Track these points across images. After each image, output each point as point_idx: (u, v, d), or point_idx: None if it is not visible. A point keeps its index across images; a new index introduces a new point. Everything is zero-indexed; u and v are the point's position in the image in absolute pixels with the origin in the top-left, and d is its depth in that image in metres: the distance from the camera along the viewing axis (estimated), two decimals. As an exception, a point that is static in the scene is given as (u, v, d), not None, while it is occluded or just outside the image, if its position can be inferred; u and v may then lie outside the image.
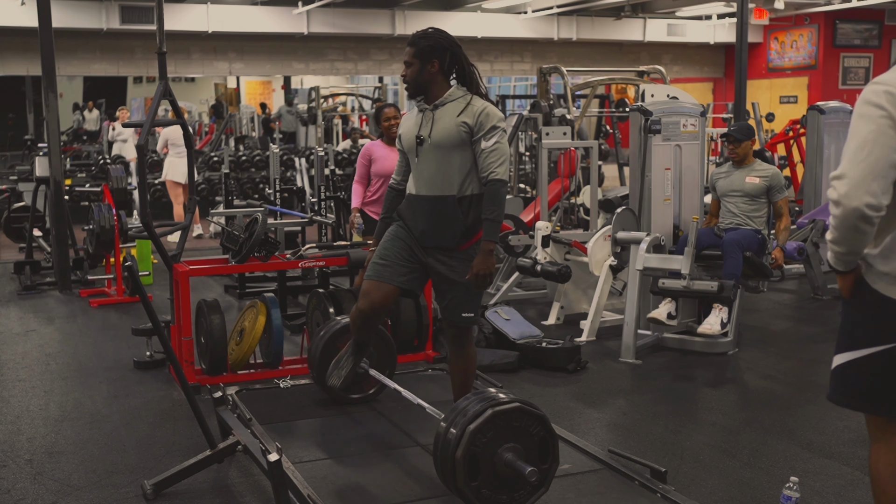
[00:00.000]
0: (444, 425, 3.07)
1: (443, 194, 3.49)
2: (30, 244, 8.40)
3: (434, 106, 3.53)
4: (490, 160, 3.43)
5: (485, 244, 3.43)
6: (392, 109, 5.81)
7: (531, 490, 3.06)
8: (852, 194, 2.17)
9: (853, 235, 2.23)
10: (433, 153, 3.49)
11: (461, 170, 3.47)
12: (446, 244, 3.50)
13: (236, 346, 5.08)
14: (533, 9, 14.52)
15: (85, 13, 12.60)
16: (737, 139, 5.84)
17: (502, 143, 3.45)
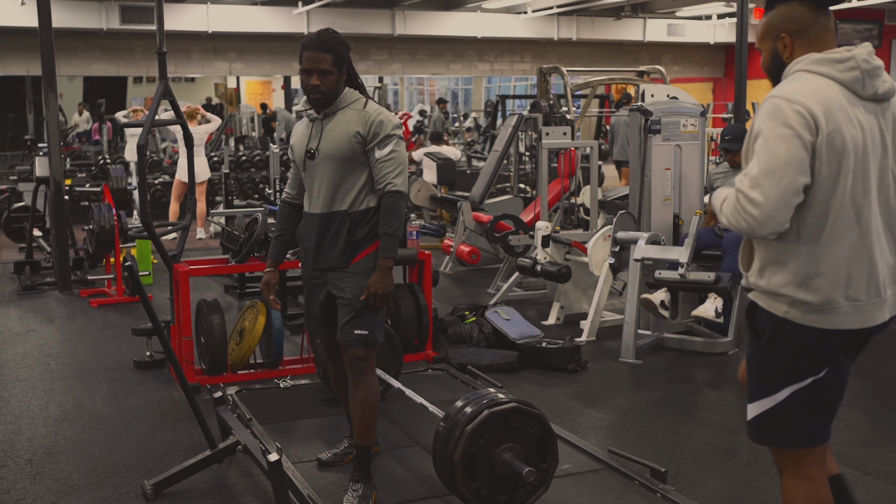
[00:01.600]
0: (443, 426, 3.08)
1: (332, 210, 3.23)
2: (30, 244, 8.40)
3: (324, 115, 3.24)
4: (386, 170, 3.17)
5: (382, 261, 3.16)
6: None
7: (531, 490, 3.06)
8: (765, 221, 2.11)
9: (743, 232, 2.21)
10: (324, 166, 3.21)
11: (354, 183, 3.21)
12: (335, 264, 3.23)
13: (236, 346, 5.08)
14: (533, 9, 14.52)
15: (85, 13, 12.61)
16: (735, 151, 5.95)
17: (399, 151, 3.19)
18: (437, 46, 15.75)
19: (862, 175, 2.14)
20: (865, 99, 2.16)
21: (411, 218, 9.29)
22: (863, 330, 2.23)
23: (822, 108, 2.09)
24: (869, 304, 2.20)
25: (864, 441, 4.11)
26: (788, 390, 2.23)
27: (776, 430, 2.29)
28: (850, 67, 2.13)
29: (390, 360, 4.43)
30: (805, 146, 2.08)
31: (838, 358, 2.22)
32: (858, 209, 2.15)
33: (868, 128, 2.15)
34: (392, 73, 16.55)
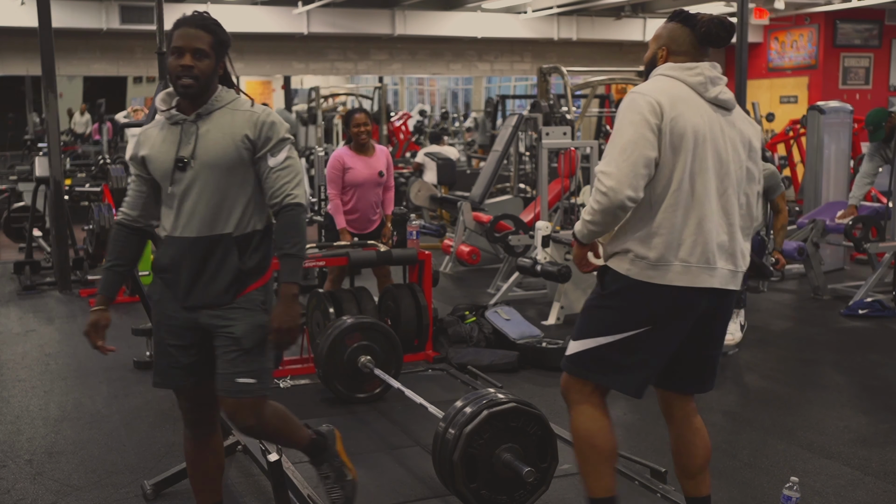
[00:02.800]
0: (442, 427, 3.08)
1: (214, 234, 2.64)
2: (30, 244, 8.40)
3: (197, 115, 2.66)
4: (283, 181, 2.64)
5: (286, 288, 2.61)
6: (363, 116, 5.65)
7: (531, 489, 3.06)
8: (618, 188, 2.46)
9: (611, 219, 2.54)
10: (202, 179, 2.63)
11: (240, 199, 2.66)
12: (218, 300, 2.65)
13: (236, 346, 5.08)
14: (533, 9, 14.52)
15: (85, 13, 12.61)
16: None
17: (294, 158, 2.69)
18: (437, 46, 15.75)
19: (700, 156, 2.54)
20: (708, 101, 2.59)
21: (411, 218, 9.29)
22: (691, 293, 2.54)
23: (668, 99, 2.52)
24: (696, 268, 2.54)
25: (864, 441, 4.11)
26: (612, 337, 2.57)
27: (590, 366, 2.63)
28: (697, 73, 2.58)
29: (390, 360, 4.44)
30: (651, 128, 2.48)
31: (665, 319, 2.56)
32: (694, 183, 2.53)
33: (709, 121, 2.56)
34: (392, 73, 16.55)
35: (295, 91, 22.09)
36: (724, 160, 2.58)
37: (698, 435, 2.80)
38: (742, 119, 2.69)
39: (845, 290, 7.08)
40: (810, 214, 7.60)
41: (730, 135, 2.61)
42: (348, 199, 5.68)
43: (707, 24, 2.61)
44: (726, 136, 2.60)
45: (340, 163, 5.63)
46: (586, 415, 2.67)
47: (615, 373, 2.63)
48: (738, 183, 2.63)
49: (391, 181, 5.82)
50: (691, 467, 2.81)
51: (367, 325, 4.44)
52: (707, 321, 2.66)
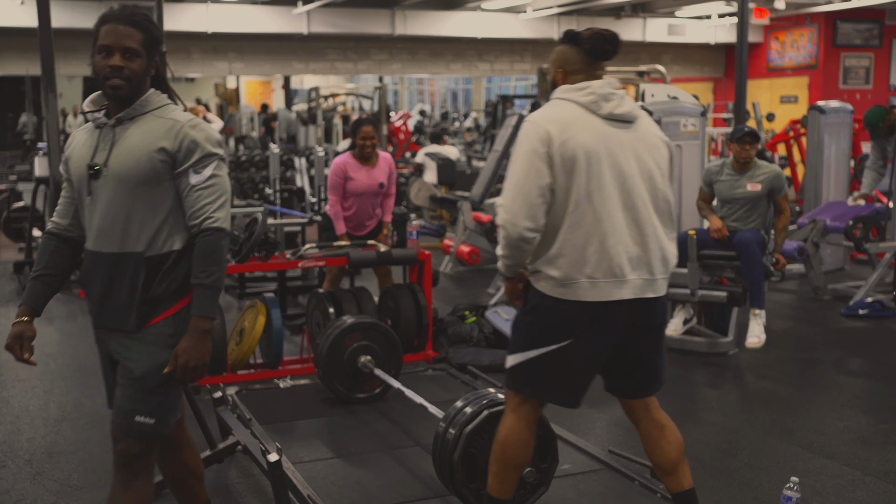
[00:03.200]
0: (443, 427, 3.09)
1: (123, 251, 2.41)
2: (29, 244, 8.40)
3: (117, 120, 2.43)
4: (204, 201, 2.39)
5: (196, 322, 2.38)
6: (371, 129, 5.54)
7: (531, 490, 3.07)
8: (515, 221, 2.56)
9: (518, 252, 2.62)
10: (112, 190, 2.40)
11: (153, 216, 2.42)
12: (122, 325, 2.45)
13: (236, 346, 5.08)
14: (533, 9, 14.52)
15: (85, 13, 12.61)
16: (756, 139, 5.65)
17: (221, 176, 2.44)
18: (437, 46, 15.75)
19: (596, 174, 2.58)
20: (603, 118, 2.63)
21: (411, 218, 9.29)
22: (604, 307, 2.59)
23: (557, 124, 2.58)
24: (604, 283, 2.59)
25: (864, 441, 4.11)
26: (537, 352, 2.63)
27: (524, 379, 2.69)
28: (588, 93, 2.64)
29: (390, 360, 4.44)
30: (541, 157, 2.56)
31: (584, 333, 2.62)
32: (592, 202, 2.58)
33: (604, 137, 2.61)
34: (392, 73, 16.55)
35: (295, 91, 22.10)
36: (626, 174, 2.62)
37: (665, 431, 2.86)
38: (648, 129, 2.72)
39: (845, 290, 7.08)
40: (810, 214, 7.60)
41: (633, 147, 2.64)
42: (347, 206, 5.68)
43: (590, 41, 2.69)
44: (627, 149, 2.63)
45: (343, 171, 5.61)
46: (509, 425, 2.74)
47: (545, 385, 2.69)
48: (652, 191, 2.66)
49: (392, 189, 5.81)
50: (666, 464, 2.84)
51: (367, 325, 4.44)
52: (637, 330, 2.69)
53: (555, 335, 2.62)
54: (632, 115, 2.67)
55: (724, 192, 5.77)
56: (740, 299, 5.37)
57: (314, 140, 14.86)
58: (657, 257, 2.67)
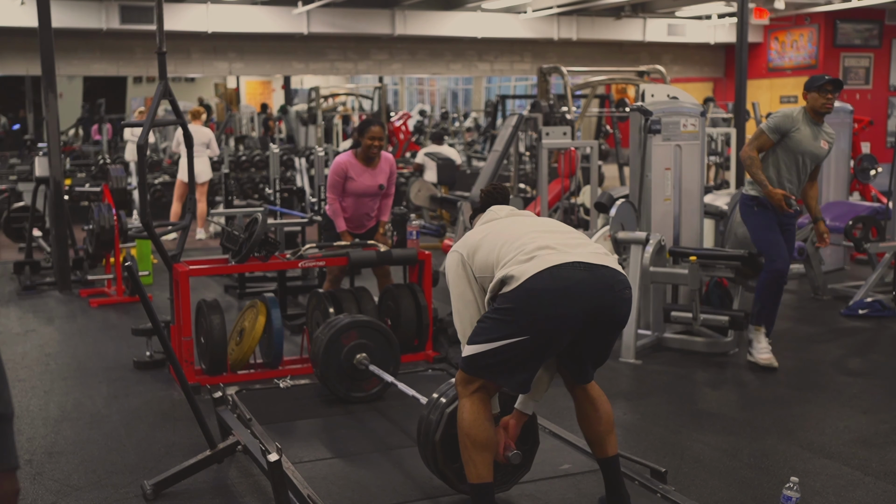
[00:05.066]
0: (426, 411, 3.13)
1: None
2: (29, 244, 8.40)
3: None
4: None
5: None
6: (379, 129, 5.52)
7: (513, 471, 3.12)
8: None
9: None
10: None
11: None
12: None
13: (236, 346, 5.08)
14: (533, 9, 14.51)
15: (85, 13, 12.60)
16: (838, 88, 5.09)
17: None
18: (437, 46, 15.74)
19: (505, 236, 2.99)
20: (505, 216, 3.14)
21: (411, 218, 9.29)
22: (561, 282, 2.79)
23: (472, 240, 3.05)
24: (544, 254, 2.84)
25: (864, 441, 4.11)
26: (494, 345, 2.84)
27: (480, 366, 2.89)
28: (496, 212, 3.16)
29: (388, 358, 4.44)
30: (464, 270, 3.03)
31: (538, 327, 2.80)
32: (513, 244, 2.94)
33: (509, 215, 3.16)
34: (392, 73, 16.53)
35: (295, 91, 22.09)
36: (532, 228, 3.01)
37: (596, 404, 3.09)
38: None
39: (845, 290, 7.08)
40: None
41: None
42: (346, 206, 5.67)
43: (485, 195, 3.24)
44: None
45: (343, 170, 5.59)
46: (467, 409, 2.91)
47: (502, 373, 2.89)
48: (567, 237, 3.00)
49: (392, 189, 5.79)
50: (594, 434, 3.10)
51: (363, 323, 4.44)
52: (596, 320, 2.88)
53: (515, 330, 2.81)
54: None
55: (806, 144, 5.11)
56: (743, 322, 5.39)
57: (314, 140, 14.85)
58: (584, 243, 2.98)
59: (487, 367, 2.88)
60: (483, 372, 2.90)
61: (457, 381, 3.01)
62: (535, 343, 2.82)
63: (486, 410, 2.92)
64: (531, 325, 2.80)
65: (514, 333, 2.81)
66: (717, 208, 6.94)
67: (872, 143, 10.10)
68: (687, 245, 6.00)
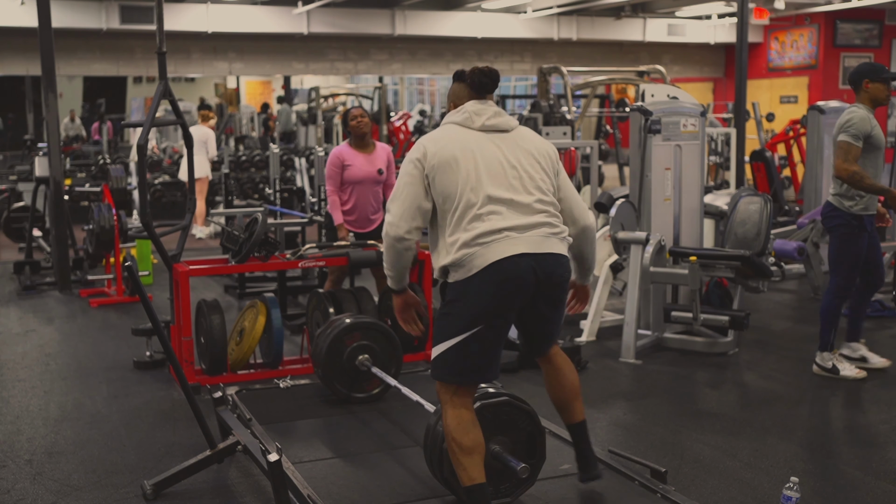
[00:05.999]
0: (434, 418, 3.12)
1: None
2: (29, 244, 8.40)
3: None
4: None
5: None
6: (359, 109, 5.68)
7: (517, 483, 3.12)
8: (399, 228, 2.98)
9: (396, 257, 3.02)
10: None
11: None
12: None
13: (236, 346, 5.08)
14: (533, 9, 14.52)
15: (85, 13, 12.61)
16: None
17: None
18: (437, 46, 15.74)
19: (471, 168, 2.96)
20: (478, 129, 3.04)
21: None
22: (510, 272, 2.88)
23: (433, 140, 3.04)
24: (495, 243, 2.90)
25: (864, 441, 4.11)
26: (454, 341, 2.93)
27: (444, 367, 2.98)
28: (462, 113, 3.07)
29: (390, 359, 4.44)
30: (416, 166, 3.00)
31: (490, 314, 2.91)
32: (474, 191, 2.94)
33: (477, 142, 3.02)
34: (392, 73, 16.54)
35: (295, 91, 22.08)
36: (503, 165, 3.01)
37: (561, 373, 3.25)
38: (526, 134, 3.14)
39: (845, 290, 7.07)
40: (810, 214, 7.59)
41: (508, 147, 3.04)
42: (347, 198, 5.66)
43: (471, 76, 3.12)
44: (503, 149, 3.03)
45: (339, 159, 5.61)
46: (451, 415, 2.97)
47: (468, 370, 2.97)
48: (526, 179, 3.02)
49: (392, 178, 5.78)
50: (560, 400, 3.25)
51: (367, 324, 4.44)
52: (538, 292, 2.98)
53: (468, 323, 2.91)
54: (506, 125, 3.09)
55: (881, 138, 4.93)
56: (742, 322, 5.39)
57: (314, 140, 14.85)
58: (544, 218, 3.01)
59: (459, 369, 2.96)
60: (457, 376, 2.97)
61: (437, 391, 3.04)
62: (490, 331, 2.93)
63: (469, 414, 2.97)
64: (483, 315, 2.91)
65: (469, 325, 2.91)
66: (717, 208, 6.94)
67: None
68: (687, 245, 6.00)
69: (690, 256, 5.43)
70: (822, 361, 5.03)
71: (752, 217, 6.00)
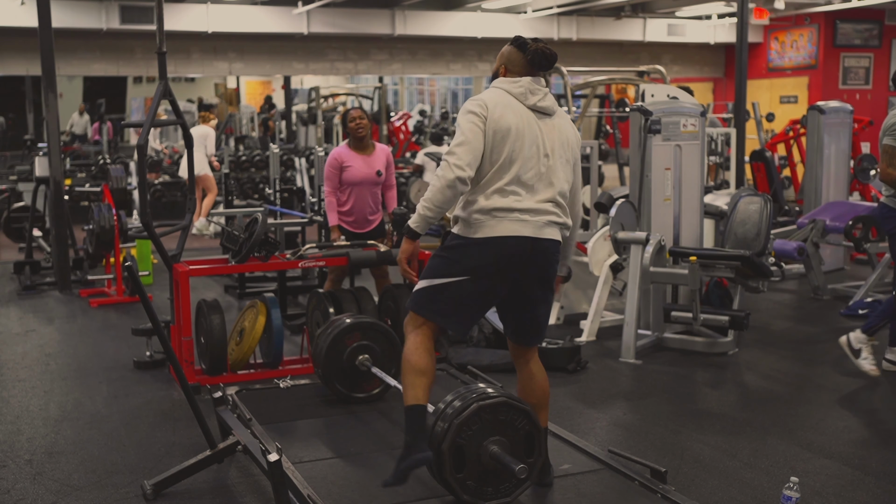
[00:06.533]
0: (434, 418, 3.13)
1: None
2: (30, 244, 8.40)
3: None
4: None
5: None
6: (358, 110, 5.68)
7: (516, 483, 3.12)
8: (464, 172, 3.09)
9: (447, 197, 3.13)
10: None
11: None
12: None
13: (236, 346, 5.08)
14: (533, 9, 14.51)
15: (85, 13, 12.60)
16: None
17: None
18: (437, 46, 15.74)
19: (518, 145, 3.15)
20: (528, 107, 3.20)
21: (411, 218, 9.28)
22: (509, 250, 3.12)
23: (493, 102, 3.16)
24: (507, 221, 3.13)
25: (864, 441, 4.11)
26: (440, 281, 3.18)
27: (422, 302, 3.24)
28: (519, 86, 3.20)
29: (390, 359, 4.43)
30: (482, 121, 3.13)
31: (480, 272, 3.14)
32: (511, 166, 3.15)
33: (527, 120, 3.17)
34: (392, 73, 16.53)
35: (295, 91, 22.07)
36: (533, 149, 3.17)
37: (533, 380, 3.38)
38: (563, 122, 3.29)
39: (845, 290, 7.08)
40: (810, 214, 7.59)
41: (547, 132, 3.21)
42: (345, 199, 5.65)
43: (534, 53, 3.21)
44: (544, 133, 3.20)
45: (338, 160, 5.60)
46: (411, 341, 3.24)
47: (442, 312, 3.22)
48: (553, 168, 3.22)
49: (392, 179, 5.78)
50: (530, 405, 3.33)
51: (367, 324, 4.44)
52: (531, 274, 3.20)
53: (457, 270, 3.16)
54: (551, 109, 3.24)
55: None
56: (742, 322, 5.39)
57: (314, 140, 14.84)
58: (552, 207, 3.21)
59: (433, 307, 3.21)
60: (429, 312, 3.22)
61: (405, 322, 3.30)
62: (473, 285, 3.15)
63: (427, 343, 3.23)
64: (473, 269, 3.14)
65: (458, 273, 3.15)
66: (717, 208, 6.94)
67: (872, 143, 10.09)
68: (687, 245, 6.00)
69: (690, 256, 5.43)
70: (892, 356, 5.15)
71: (752, 217, 6.00)
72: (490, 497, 3.13)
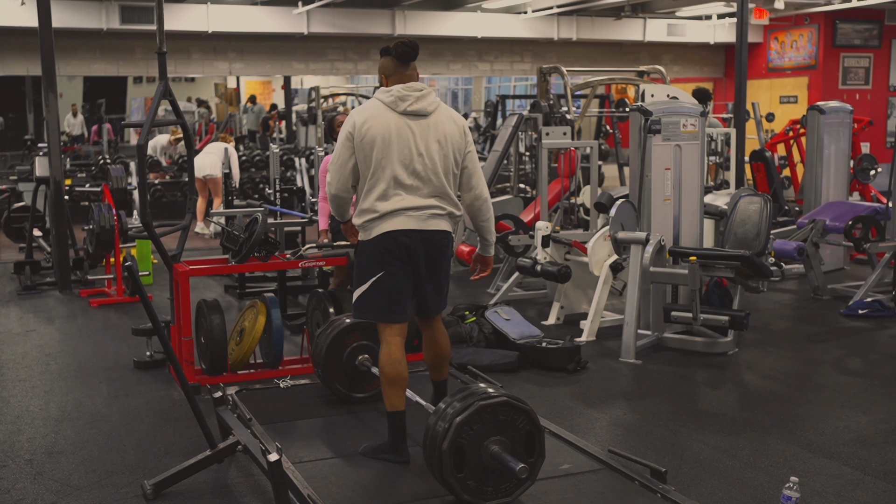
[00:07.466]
0: (434, 418, 3.13)
1: None
2: (30, 244, 8.40)
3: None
4: None
5: None
6: (342, 117, 5.67)
7: (517, 483, 3.13)
8: (337, 189, 3.56)
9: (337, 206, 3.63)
10: None
11: None
12: None
13: (236, 346, 5.08)
14: (533, 9, 14.51)
15: (85, 13, 12.60)
16: None
17: None
18: (437, 46, 15.73)
19: (385, 152, 3.47)
20: (400, 113, 3.49)
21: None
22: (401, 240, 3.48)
23: (362, 118, 3.50)
24: (394, 218, 3.47)
25: (864, 441, 4.11)
26: (365, 285, 3.55)
27: (364, 307, 3.59)
28: (390, 95, 3.51)
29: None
30: (349, 139, 3.50)
31: (387, 265, 3.50)
32: (384, 171, 3.48)
33: (396, 127, 3.48)
34: (392, 73, 16.50)
35: (295, 91, 22.06)
36: (407, 150, 3.47)
37: (437, 343, 3.76)
38: (442, 118, 3.57)
39: (845, 290, 7.08)
40: (810, 214, 7.60)
41: (420, 133, 3.50)
42: None
43: (395, 49, 3.53)
44: (416, 135, 3.49)
45: None
46: (384, 351, 3.55)
47: (380, 310, 3.54)
48: (430, 165, 3.51)
49: None
50: (431, 360, 3.81)
51: (367, 324, 4.43)
52: (424, 259, 3.55)
53: (374, 268, 3.51)
54: (426, 110, 3.52)
55: None
56: (742, 322, 5.38)
57: (314, 140, 14.84)
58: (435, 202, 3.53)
59: (370, 307, 3.55)
60: (370, 314, 3.57)
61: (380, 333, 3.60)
62: (391, 277, 3.51)
63: (396, 351, 3.54)
64: (381, 264, 3.50)
65: (374, 272, 3.52)
66: (717, 208, 6.94)
67: (872, 143, 10.11)
68: (687, 245, 6.00)
69: (690, 256, 5.43)
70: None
71: (752, 217, 6.00)
72: (490, 497, 3.14)
